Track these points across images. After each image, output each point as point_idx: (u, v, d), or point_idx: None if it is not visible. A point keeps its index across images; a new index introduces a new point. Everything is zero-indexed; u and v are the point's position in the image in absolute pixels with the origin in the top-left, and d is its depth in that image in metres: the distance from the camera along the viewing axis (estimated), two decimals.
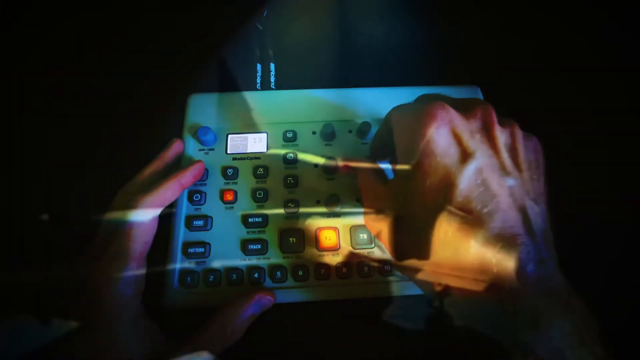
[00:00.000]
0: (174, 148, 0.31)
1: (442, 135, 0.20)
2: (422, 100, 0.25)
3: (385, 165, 0.28)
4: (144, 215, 0.25)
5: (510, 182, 0.20)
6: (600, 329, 0.18)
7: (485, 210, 0.19)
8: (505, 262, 0.18)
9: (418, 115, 0.21)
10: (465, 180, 0.19)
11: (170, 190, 0.27)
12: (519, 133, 0.22)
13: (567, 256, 0.20)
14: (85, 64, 0.39)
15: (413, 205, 0.21)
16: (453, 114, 0.21)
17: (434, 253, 0.20)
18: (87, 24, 0.40)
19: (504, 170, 0.20)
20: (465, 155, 0.20)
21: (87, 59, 0.39)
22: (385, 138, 0.25)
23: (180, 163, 0.31)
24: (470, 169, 0.19)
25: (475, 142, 0.20)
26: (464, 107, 0.21)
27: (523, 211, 0.19)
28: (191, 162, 0.30)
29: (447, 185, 0.19)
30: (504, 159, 0.20)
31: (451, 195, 0.19)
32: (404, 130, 0.23)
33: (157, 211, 0.26)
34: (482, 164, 0.20)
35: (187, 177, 0.28)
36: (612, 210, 0.33)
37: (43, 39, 0.39)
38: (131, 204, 0.25)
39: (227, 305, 0.25)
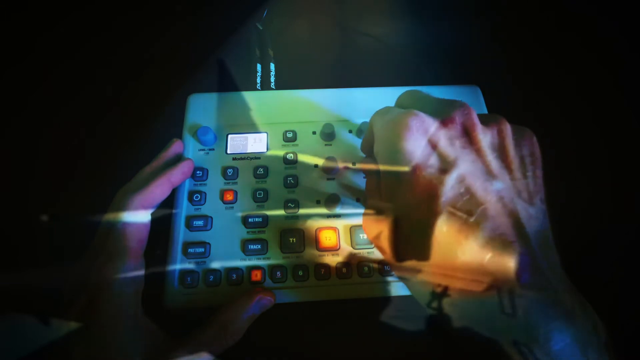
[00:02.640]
0: (174, 148, 0.31)
1: (418, 147, 0.19)
2: (403, 99, 0.25)
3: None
4: (136, 214, 0.25)
5: (498, 185, 0.19)
6: (610, 340, 0.17)
7: (472, 219, 0.18)
8: (496, 272, 0.18)
9: (393, 127, 0.20)
10: (448, 191, 0.19)
11: (159, 188, 0.27)
12: (506, 129, 0.20)
13: (573, 256, 0.20)
14: (85, 64, 0.39)
15: (403, 212, 0.21)
16: (428, 122, 0.20)
17: (430, 256, 0.19)
18: (86, 23, 0.40)
19: (490, 174, 0.19)
20: (445, 165, 0.19)
21: (86, 59, 0.39)
22: (372, 143, 0.25)
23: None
24: (451, 178, 0.19)
25: (455, 149, 0.19)
26: (441, 112, 0.20)
27: (514, 215, 0.18)
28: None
29: (430, 197, 0.19)
30: (489, 162, 0.19)
31: (435, 207, 0.18)
32: (381, 143, 0.22)
33: (148, 209, 0.26)
34: (465, 171, 0.19)
35: (175, 174, 0.28)
36: (614, 210, 0.33)
37: (42, 37, 0.39)
38: (123, 204, 0.25)
39: (227, 306, 0.25)
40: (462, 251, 0.18)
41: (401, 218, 0.21)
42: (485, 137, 0.20)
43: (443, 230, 0.18)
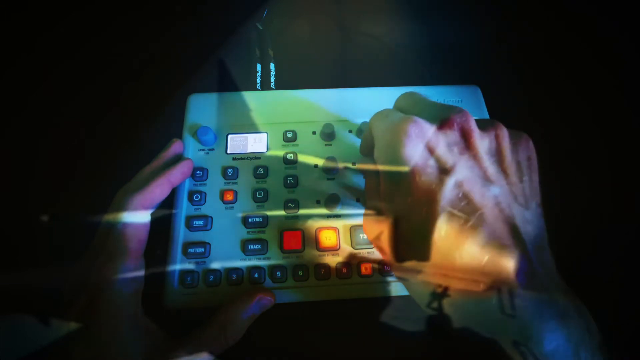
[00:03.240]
0: (174, 148, 0.30)
1: (417, 153, 0.20)
2: (401, 102, 0.25)
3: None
4: (135, 214, 0.25)
5: (495, 190, 0.19)
6: (602, 340, 0.17)
7: (469, 224, 0.18)
8: (494, 274, 0.18)
9: (392, 133, 0.21)
10: (446, 197, 0.19)
11: (159, 188, 0.27)
12: (504, 134, 0.21)
13: (573, 256, 0.20)
14: (85, 64, 0.39)
15: (402, 215, 0.21)
16: (426, 128, 0.20)
17: (430, 257, 0.20)
18: (86, 23, 0.40)
19: (487, 180, 0.20)
20: (444, 171, 0.19)
21: (86, 59, 0.39)
22: (371, 145, 0.25)
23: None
24: (449, 184, 0.19)
25: (453, 155, 0.20)
26: (440, 117, 0.20)
27: (510, 220, 0.19)
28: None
29: (429, 202, 0.19)
30: (486, 168, 0.20)
31: (434, 212, 0.19)
32: (381, 149, 0.22)
33: (148, 209, 0.26)
34: (463, 177, 0.19)
35: (175, 174, 0.28)
36: (614, 211, 0.33)
37: (42, 37, 0.39)
38: (122, 204, 0.25)
39: (227, 306, 0.25)
40: (459, 255, 0.18)
41: (401, 219, 0.21)
42: (482, 143, 0.20)
43: (441, 234, 0.19)
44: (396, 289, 0.28)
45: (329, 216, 0.30)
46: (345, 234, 0.29)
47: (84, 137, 0.36)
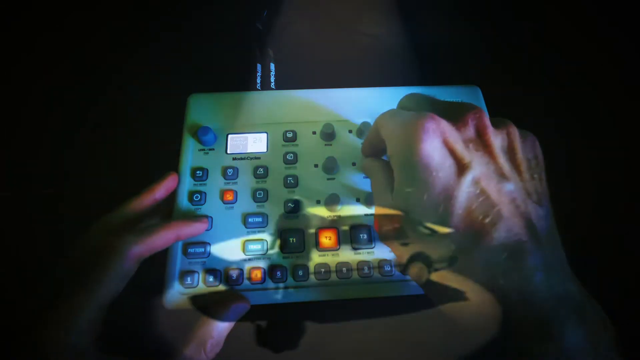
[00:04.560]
0: (167, 182, 0.29)
1: (435, 149, 0.20)
2: (407, 102, 0.25)
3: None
4: (125, 262, 0.22)
5: (510, 187, 0.19)
6: (617, 336, 0.17)
7: (487, 220, 0.18)
8: (512, 272, 0.18)
9: (409, 129, 0.20)
10: (464, 193, 0.19)
11: (162, 240, 0.25)
12: (515, 132, 0.21)
13: (574, 257, 0.20)
14: (85, 64, 0.39)
15: (417, 213, 0.21)
16: (444, 125, 0.20)
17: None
18: (86, 23, 0.40)
19: (502, 176, 0.20)
20: (461, 167, 0.19)
21: (86, 59, 0.39)
22: (376, 145, 0.25)
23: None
24: (467, 180, 0.19)
25: (469, 152, 0.20)
26: (454, 115, 0.21)
27: (526, 216, 0.19)
28: (193, 218, 0.29)
29: (446, 198, 0.19)
30: (501, 164, 0.20)
31: (451, 208, 0.19)
32: (396, 145, 0.22)
33: (141, 259, 0.24)
34: (479, 173, 0.19)
35: (185, 229, 0.26)
36: (615, 211, 0.33)
37: (42, 37, 0.39)
38: (114, 246, 0.22)
39: (202, 320, 0.24)
40: (478, 252, 0.18)
41: (416, 217, 0.21)
42: (497, 140, 0.21)
43: (459, 232, 0.19)
44: (396, 289, 0.28)
45: (329, 216, 0.30)
46: (345, 234, 0.29)
47: (83, 137, 0.36)
